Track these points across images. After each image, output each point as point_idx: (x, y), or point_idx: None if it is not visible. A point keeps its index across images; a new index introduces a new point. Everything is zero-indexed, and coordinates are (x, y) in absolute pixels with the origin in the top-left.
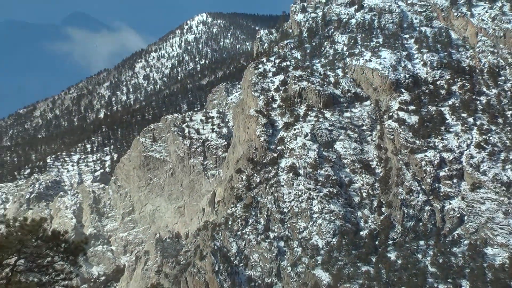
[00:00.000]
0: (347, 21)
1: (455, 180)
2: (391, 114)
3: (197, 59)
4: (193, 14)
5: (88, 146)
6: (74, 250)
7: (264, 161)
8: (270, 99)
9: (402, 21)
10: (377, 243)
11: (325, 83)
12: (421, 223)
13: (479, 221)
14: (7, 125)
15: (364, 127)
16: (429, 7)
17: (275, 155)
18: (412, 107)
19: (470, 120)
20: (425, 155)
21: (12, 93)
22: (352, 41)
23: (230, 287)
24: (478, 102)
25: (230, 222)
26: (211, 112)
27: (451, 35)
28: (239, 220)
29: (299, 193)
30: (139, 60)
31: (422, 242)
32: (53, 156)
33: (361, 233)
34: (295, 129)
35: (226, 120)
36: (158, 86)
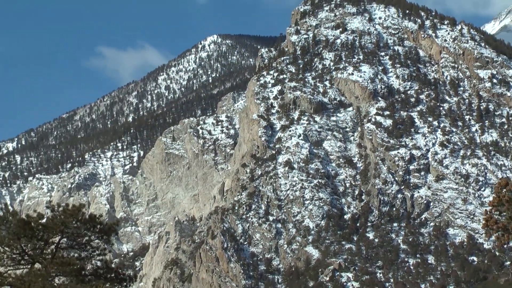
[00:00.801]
0: (333, 41)
1: (422, 173)
2: (369, 118)
3: (209, 73)
4: (206, 35)
5: (119, 144)
6: (107, 230)
7: (265, 157)
8: (270, 106)
9: (378, 41)
10: (358, 225)
11: (315, 92)
12: (394, 208)
13: (442, 207)
14: (52, 127)
15: (347, 129)
16: (401, 29)
17: (273, 152)
18: (387, 112)
19: (435, 123)
20: (398, 152)
21: (57, 101)
22: (337, 58)
23: (237, 261)
24: (441, 108)
25: (236, 208)
26: (221, 117)
27: (419, 53)
28: (244, 206)
29: (294, 183)
30: (161, 74)
31: (395, 224)
32: (90, 153)
33: (345, 216)
34: (290, 131)
35: (233, 123)
36: (177, 95)
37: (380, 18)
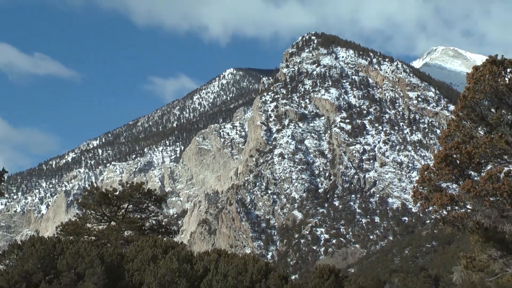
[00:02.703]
0: (311, 72)
1: (371, 161)
2: (336, 124)
3: (227, 94)
4: (225, 68)
5: (167, 142)
6: (159, 199)
7: (265, 151)
8: (268, 116)
9: (342, 72)
10: (328, 196)
11: (299, 107)
12: (352, 185)
13: (385, 184)
14: (122, 130)
15: (321, 132)
16: (356, 65)
17: (271, 147)
18: (347, 121)
19: (380, 127)
20: (355, 147)
21: (125, 112)
22: (314, 83)
23: (246, 221)
24: (384, 118)
25: (246, 184)
26: (236, 123)
27: (369, 80)
28: (251, 183)
29: (285, 168)
30: (195, 94)
31: (353, 196)
32: (148, 148)
33: (319, 190)
34: (282, 133)
35: (244, 127)
36: (206, 109)
37: (342, 57)
